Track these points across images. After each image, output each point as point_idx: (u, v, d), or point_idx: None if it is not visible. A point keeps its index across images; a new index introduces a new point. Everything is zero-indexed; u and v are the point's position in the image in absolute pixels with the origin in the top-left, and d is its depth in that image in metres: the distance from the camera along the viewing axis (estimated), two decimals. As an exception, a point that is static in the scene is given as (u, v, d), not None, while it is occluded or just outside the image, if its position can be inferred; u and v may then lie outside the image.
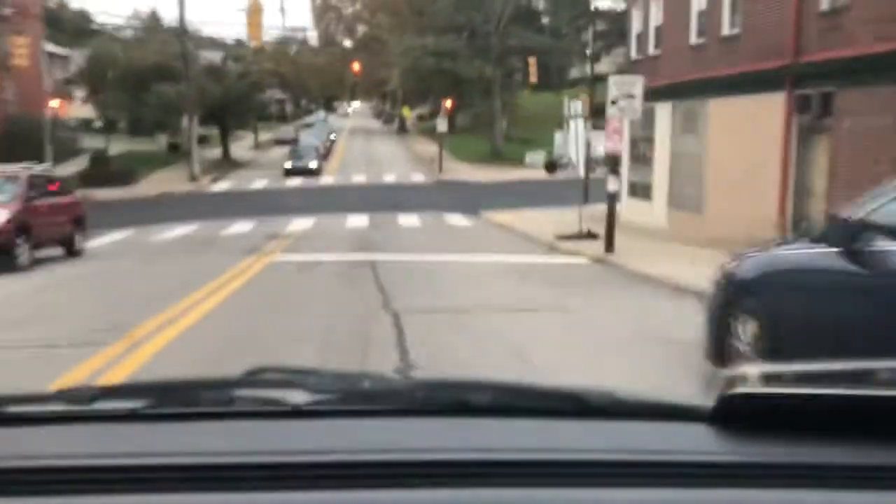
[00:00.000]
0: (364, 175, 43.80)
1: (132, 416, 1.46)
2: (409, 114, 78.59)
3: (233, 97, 46.97)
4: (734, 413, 1.34)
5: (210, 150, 54.60)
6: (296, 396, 1.46)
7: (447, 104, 46.20)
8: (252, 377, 1.61)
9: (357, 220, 24.89)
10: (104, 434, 1.41)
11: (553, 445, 1.32)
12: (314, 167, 43.89)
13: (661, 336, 8.29)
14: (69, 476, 1.22)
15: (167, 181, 40.85)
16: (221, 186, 40.28)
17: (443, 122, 45.77)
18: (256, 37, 40.54)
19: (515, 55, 55.67)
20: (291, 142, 55.38)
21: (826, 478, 1.23)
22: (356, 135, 77.55)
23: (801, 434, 1.29)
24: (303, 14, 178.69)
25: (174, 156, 50.06)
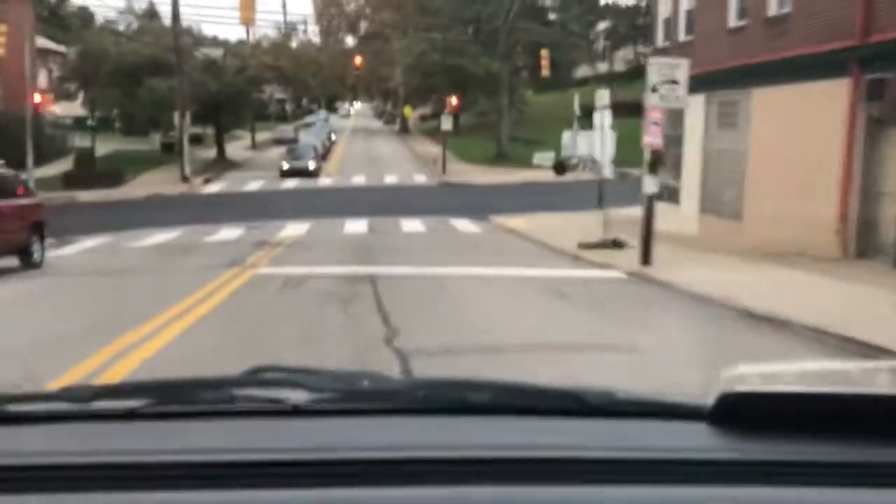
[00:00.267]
0: (364, 176, 41.63)
1: (132, 415, 1.47)
2: (411, 114, 76.51)
3: (228, 93, 44.67)
4: (733, 412, 1.35)
5: (205, 150, 52.67)
6: (296, 395, 1.48)
7: (452, 101, 43.93)
8: (252, 376, 1.64)
9: (356, 226, 22.73)
10: (105, 432, 1.42)
11: (553, 444, 1.32)
12: (312, 168, 41.70)
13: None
14: (70, 474, 1.23)
15: (157, 182, 38.74)
16: (214, 188, 38.12)
17: (447, 121, 43.57)
18: (249, 20, 38.09)
19: (523, 51, 53.56)
20: (290, 142, 53.19)
21: (825, 475, 1.23)
22: (357, 135, 75.49)
23: (800, 432, 1.31)
24: (304, 5, 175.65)
25: (168, 156, 47.91)
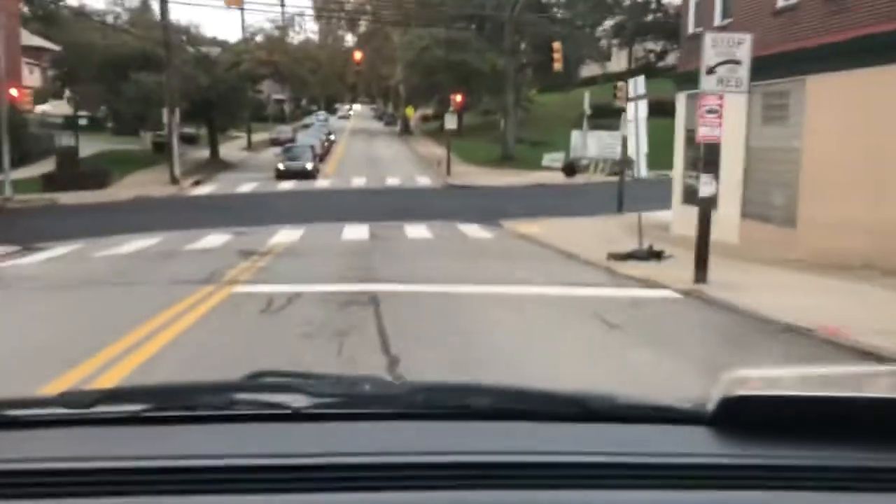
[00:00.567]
0: (365, 178, 39.47)
1: (133, 420, 1.47)
2: (413, 114, 74.43)
3: (221, 89, 42.41)
4: (735, 416, 1.34)
5: (199, 151, 50.61)
6: (296, 400, 1.46)
7: (457, 99, 41.73)
8: (252, 381, 1.63)
9: (355, 231, 20.56)
10: (105, 437, 1.42)
11: (554, 448, 1.32)
12: (309, 169, 39.51)
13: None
14: (70, 479, 1.23)
15: (145, 183, 36.61)
16: (205, 190, 35.94)
17: (451, 119, 41.41)
18: (234, 1, 35.91)
19: (528, 47, 51.39)
20: (287, 142, 50.99)
21: (826, 480, 1.23)
22: (357, 136, 73.32)
23: (801, 437, 1.31)
24: (303, 2, 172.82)
25: (159, 156, 45.70)
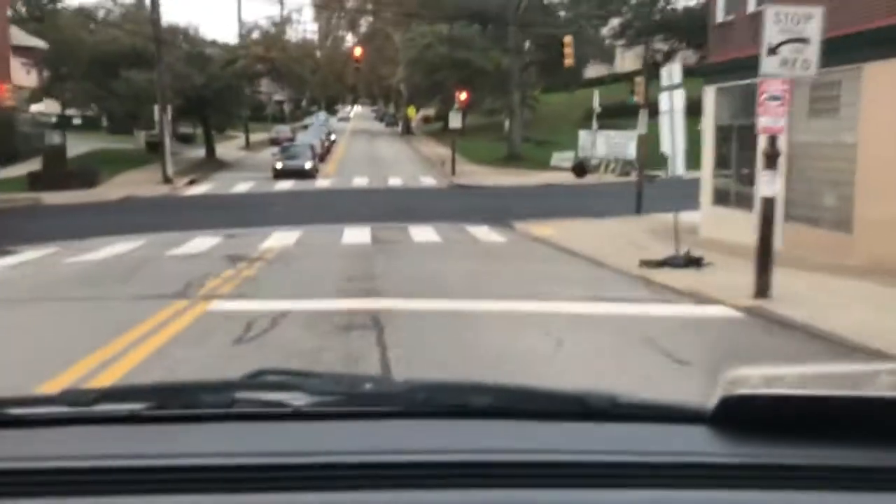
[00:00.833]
0: (366, 178, 37.79)
1: (134, 418, 1.45)
2: (414, 114, 72.86)
3: (216, 87, 40.68)
4: (735, 415, 1.34)
5: (195, 150, 49.13)
6: (297, 399, 1.45)
7: (461, 96, 40.00)
8: (253, 380, 1.61)
9: (356, 234, 18.90)
10: (106, 436, 1.41)
11: (554, 447, 1.31)
12: (308, 168, 37.78)
13: None
14: (71, 478, 1.22)
15: (136, 183, 34.97)
16: (198, 190, 34.27)
17: (456, 118, 39.69)
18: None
19: (532, 46, 49.73)
20: (286, 141, 49.30)
21: (826, 479, 1.22)
22: (358, 136, 71.77)
23: (802, 436, 1.30)
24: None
25: (153, 155, 44.08)
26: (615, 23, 61.99)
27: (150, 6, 36.19)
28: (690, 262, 13.18)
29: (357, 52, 52.15)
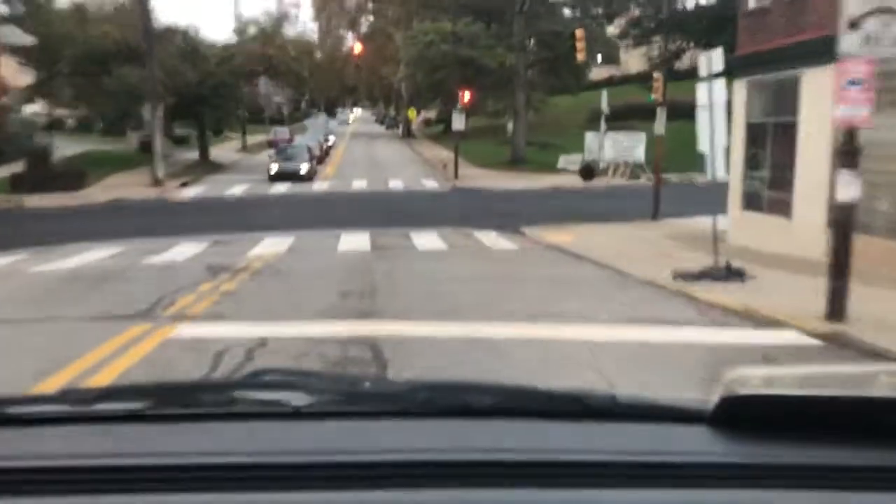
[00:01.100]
0: (366, 180, 36.25)
1: (134, 417, 1.43)
2: (415, 116, 71.43)
3: (211, 84, 39.05)
4: (734, 415, 1.32)
5: (190, 152, 47.60)
6: (297, 398, 1.42)
7: (465, 96, 38.41)
8: (253, 379, 1.61)
9: (355, 240, 17.36)
10: (106, 435, 1.38)
11: (554, 447, 1.30)
12: (305, 171, 36.22)
13: None
14: (71, 476, 1.21)
15: (125, 185, 33.45)
16: (190, 193, 32.71)
17: (459, 118, 38.05)
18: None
19: (536, 45, 48.20)
20: (284, 143, 47.75)
21: (826, 479, 1.21)
22: (358, 138, 70.29)
23: (801, 436, 1.28)
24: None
25: (145, 157, 42.61)
26: (621, 21, 60.58)
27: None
28: (732, 275, 11.62)
29: (357, 49, 50.51)
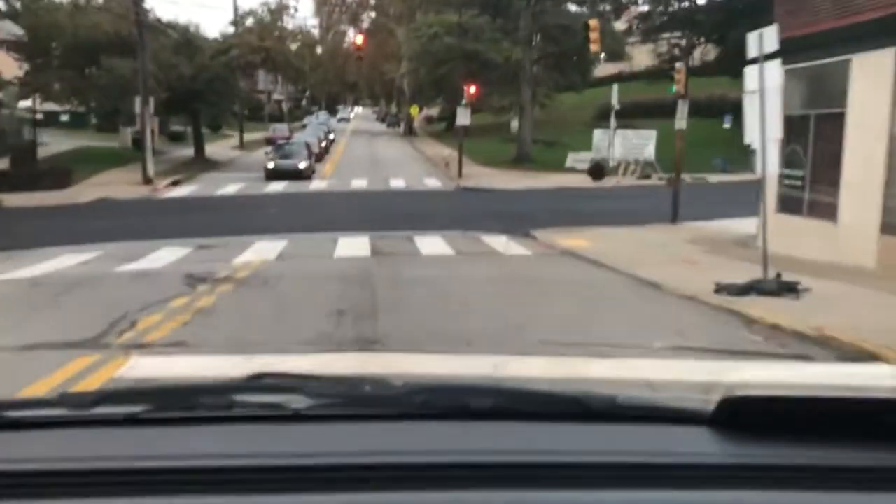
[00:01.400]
0: (366, 179, 34.74)
1: (133, 421, 1.43)
2: (417, 113, 69.97)
3: (206, 78, 37.49)
4: (735, 416, 1.32)
5: (186, 150, 46.17)
6: (296, 401, 1.43)
7: (470, 90, 36.88)
8: (253, 382, 1.60)
9: (353, 245, 15.89)
10: (105, 438, 1.39)
11: (554, 449, 1.30)
12: (303, 168, 34.70)
13: None
14: (70, 480, 1.20)
15: (113, 184, 31.98)
16: (182, 191, 31.23)
17: (464, 114, 36.46)
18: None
19: (541, 40, 46.71)
20: (282, 140, 46.26)
21: (825, 480, 1.21)
22: (358, 136, 68.79)
23: (801, 436, 1.28)
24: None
25: (138, 154, 41.14)
26: (630, 16, 59.09)
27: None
28: (783, 288, 10.13)
29: (359, 41, 48.96)
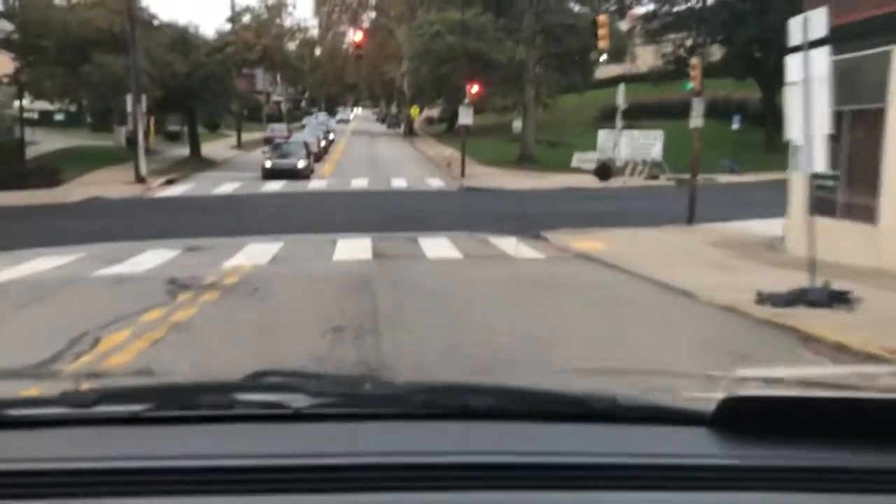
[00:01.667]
0: (366, 179, 33.66)
1: (134, 420, 1.42)
2: (418, 114, 68.99)
3: (202, 76, 36.40)
4: (735, 416, 1.31)
5: (182, 149, 45.14)
6: (297, 400, 1.41)
7: (473, 89, 35.81)
8: (253, 380, 1.59)
9: (353, 248, 14.81)
10: (106, 437, 1.38)
11: (555, 449, 1.30)
12: (301, 168, 33.62)
13: None
14: (72, 479, 1.20)
15: (104, 183, 30.93)
16: (175, 191, 30.16)
17: (466, 113, 35.40)
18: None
19: (542, 39, 45.67)
20: (281, 139, 45.19)
21: (826, 481, 1.20)
22: (358, 136, 67.80)
23: (802, 437, 1.28)
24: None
25: (133, 152, 40.15)
26: (634, 16, 58.03)
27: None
28: (834, 299, 9.04)
29: (358, 38, 47.91)
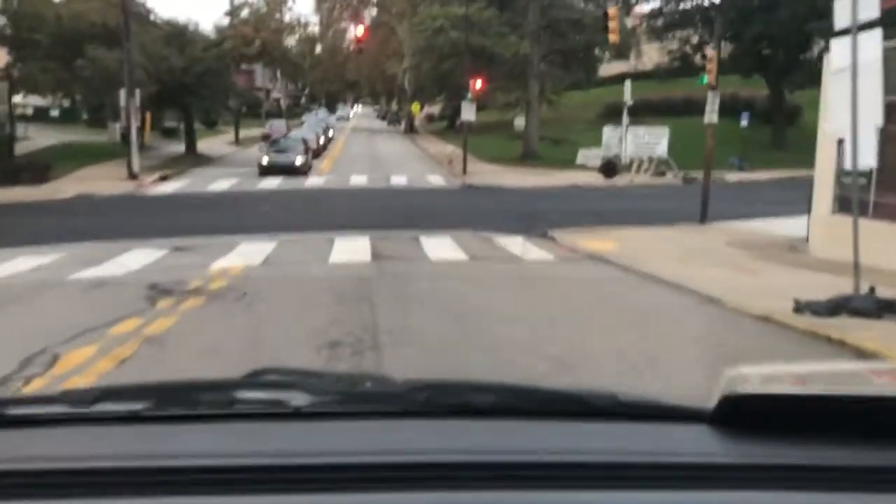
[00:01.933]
0: (366, 176, 32.80)
1: (134, 418, 1.42)
2: (418, 111, 68.11)
3: (198, 71, 35.55)
4: (735, 414, 1.32)
5: (177, 145, 44.30)
6: (297, 398, 1.41)
7: (476, 84, 34.93)
8: (254, 379, 1.58)
9: (351, 248, 13.98)
10: (106, 436, 1.38)
11: (555, 447, 1.30)
12: (299, 164, 32.77)
13: None
14: (72, 479, 1.20)
15: (96, 179, 30.11)
16: (169, 187, 29.31)
17: (469, 108, 34.46)
18: None
19: (546, 35, 44.80)
20: (279, 136, 44.35)
21: (826, 479, 1.20)
22: (358, 133, 67.00)
23: (802, 435, 1.27)
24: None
25: (127, 148, 39.33)
26: (640, 14, 57.19)
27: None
28: (883, 308, 8.19)
29: (360, 32, 47.00)
